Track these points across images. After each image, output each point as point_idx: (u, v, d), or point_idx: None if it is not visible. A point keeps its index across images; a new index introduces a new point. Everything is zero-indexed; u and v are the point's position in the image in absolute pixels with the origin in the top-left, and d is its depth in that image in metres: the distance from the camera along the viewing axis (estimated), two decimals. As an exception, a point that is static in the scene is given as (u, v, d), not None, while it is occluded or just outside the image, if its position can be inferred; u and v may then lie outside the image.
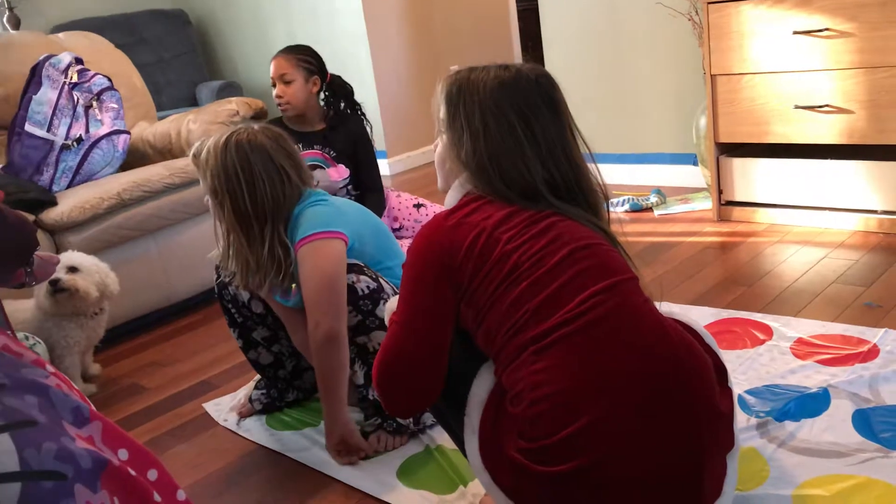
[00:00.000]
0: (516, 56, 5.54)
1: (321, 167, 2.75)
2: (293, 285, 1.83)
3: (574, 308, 1.22)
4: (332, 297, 1.73)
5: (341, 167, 2.76)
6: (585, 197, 1.39)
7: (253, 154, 1.78)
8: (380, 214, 2.78)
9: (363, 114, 2.84)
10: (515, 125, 1.35)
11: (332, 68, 2.84)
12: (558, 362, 1.20)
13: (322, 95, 2.78)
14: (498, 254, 1.27)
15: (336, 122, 2.78)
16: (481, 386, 1.32)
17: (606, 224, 1.41)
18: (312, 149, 2.75)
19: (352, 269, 1.78)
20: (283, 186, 1.80)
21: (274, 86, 2.70)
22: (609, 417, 1.18)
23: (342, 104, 2.81)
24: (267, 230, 1.79)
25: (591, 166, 1.41)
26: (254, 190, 1.77)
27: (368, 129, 2.83)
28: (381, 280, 1.80)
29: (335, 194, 2.77)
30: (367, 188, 2.80)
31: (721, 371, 1.35)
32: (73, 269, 2.27)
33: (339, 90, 2.79)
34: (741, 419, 1.74)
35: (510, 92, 1.38)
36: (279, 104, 2.71)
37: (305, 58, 2.70)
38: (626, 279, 1.29)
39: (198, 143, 1.85)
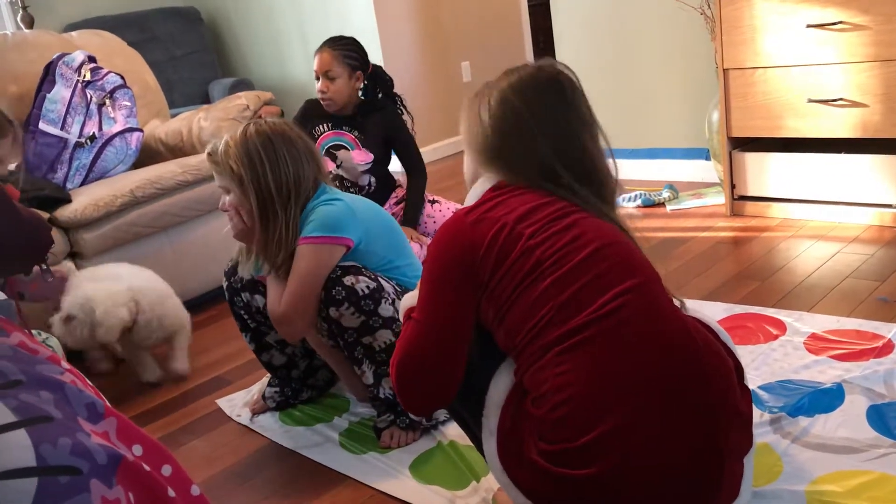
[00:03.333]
0: (527, 51, 5.52)
1: (346, 148, 2.76)
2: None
3: (598, 308, 1.22)
4: (308, 301, 1.79)
5: (365, 151, 2.78)
6: (599, 188, 1.39)
7: (274, 136, 1.83)
8: (422, 195, 2.83)
9: (403, 105, 2.86)
10: (529, 112, 1.37)
11: (343, 65, 2.85)
12: (583, 365, 1.19)
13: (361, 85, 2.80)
14: (520, 249, 1.26)
15: (369, 108, 2.80)
16: (500, 387, 1.31)
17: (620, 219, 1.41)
18: (341, 129, 2.78)
19: (349, 270, 1.78)
20: (305, 167, 1.83)
21: (317, 79, 2.72)
22: (632, 422, 1.17)
23: (379, 94, 2.82)
24: (289, 209, 1.81)
25: (608, 161, 1.42)
26: (277, 168, 1.80)
27: (409, 121, 2.85)
28: (380, 279, 1.80)
29: (356, 176, 2.80)
30: (409, 171, 2.86)
31: (739, 371, 1.35)
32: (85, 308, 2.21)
33: (379, 81, 2.80)
34: (755, 414, 1.73)
35: (528, 83, 1.40)
36: (322, 99, 2.74)
37: (349, 53, 2.72)
38: (649, 279, 1.28)
39: (212, 143, 1.87)
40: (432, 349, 1.32)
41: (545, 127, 1.36)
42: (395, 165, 2.95)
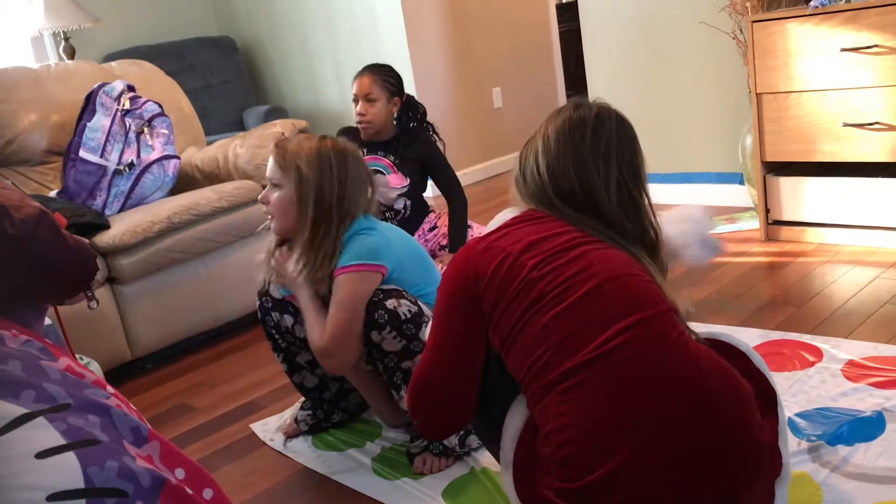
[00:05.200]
0: (558, 77, 5.55)
1: (382, 173, 2.80)
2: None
3: (600, 346, 1.19)
4: (352, 331, 1.78)
5: (401, 176, 2.82)
6: (639, 234, 1.38)
7: (350, 155, 1.87)
8: (464, 223, 2.85)
9: (435, 132, 2.90)
10: (545, 146, 1.39)
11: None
12: (584, 404, 1.18)
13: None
14: (521, 281, 1.25)
15: (405, 135, 2.85)
16: (514, 420, 1.31)
17: (660, 262, 1.39)
18: (376, 154, 2.82)
19: (391, 294, 1.79)
20: (364, 194, 1.87)
21: (356, 102, 2.78)
22: (637, 460, 1.15)
23: (412, 123, 2.87)
24: (341, 228, 1.83)
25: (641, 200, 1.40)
26: (344, 183, 1.83)
27: (441, 147, 2.90)
28: (419, 304, 1.81)
29: (391, 201, 2.83)
30: (448, 196, 2.89)
31: (768, 396, 1.32)
32: None
33: (411, 109, 2.85)
34: (792, 443, 1.70)
35: (553, 117, 1.42)
36: (360, 122, 2.79)
37: (389, 78, 2.79)
38: (657, 313, 1.24)
39: (286, 138, 1.91)
40: (441, 376, 1.35)
41: (555, 166, 1.37)
42: (428, 192, 2.98)
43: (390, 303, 1.76)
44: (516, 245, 1.30)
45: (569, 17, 5.64)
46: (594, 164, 1.35)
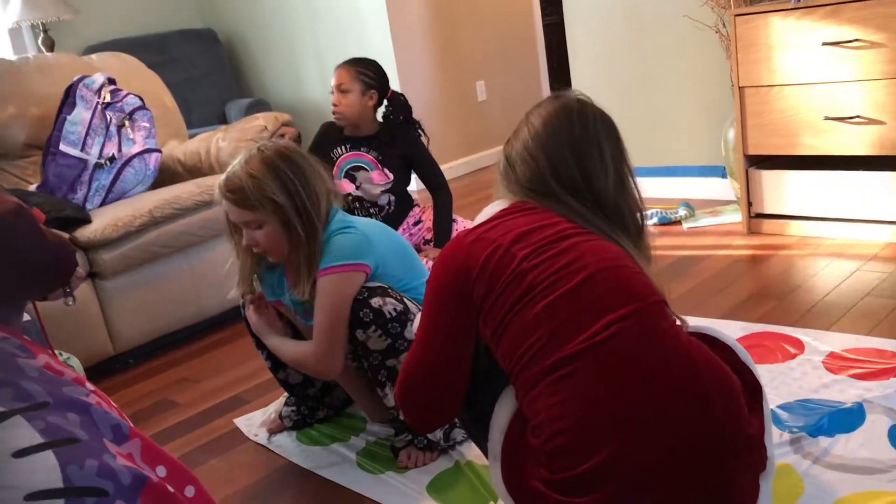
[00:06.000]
0: (542, 71, 5.55)
1: (365, 169, 2.80)
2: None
3: (592, 336, 1.19)
4: (341, 332, 1.78)
5: (385, 171, 2.82)
6: (613, 212, 1.38)
7: (294, 156, 1.82)
8: (449, 217, 2.85)
9: (421, 129, 2.89)
10: (532, 136, 1.39)
11: (359, 86, 2.88)
12: (576, 395, 1.18)
13: (382, 110, 2.86)
14: (511, 272, 1.25)
15: (388, 131, 2.84)
16: (502, 412, 1.31)
17: (644, 247, 1.40)
18: (360, 150, 2.81)
19: (376, 292, 1.77)
20: (322, 182, 1.84)
21: (333, 94, 2.80)
22: (629, 450, 1.16)
23: (400, 120, 2.87)
24: (318, 233, 1.81)
25: (630, 186, 1.42)
26: (307, 186, 1.79)
27: (426, 142, 2.90)
28: (406, 301, 1.80)
29: (375, 197, 2.82)
30: (433, 191, 2.89)
31: (754, 390, 1.33)
32: None
33: (398, 107, 2.84)
34: (774, 434, 1.72)
35: (536, 110, 1.42)
36: (333, 112, 2.80)
37: (366, 71, 2.79)
38: (649, 304, 1.24)
39: (226, 182, 1.78)
40: (430, 369, 1.35)
41: (551, 151, 1.37)
42: (413, 185, 2.97)
43: (375, 301, 1.75)
44: (506, 236, 1.29)
45: (552, 10, 5.63)
46: (588, 147, 1.36)
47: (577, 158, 1.35)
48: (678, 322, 1.30)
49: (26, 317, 1.24)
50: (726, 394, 1.23)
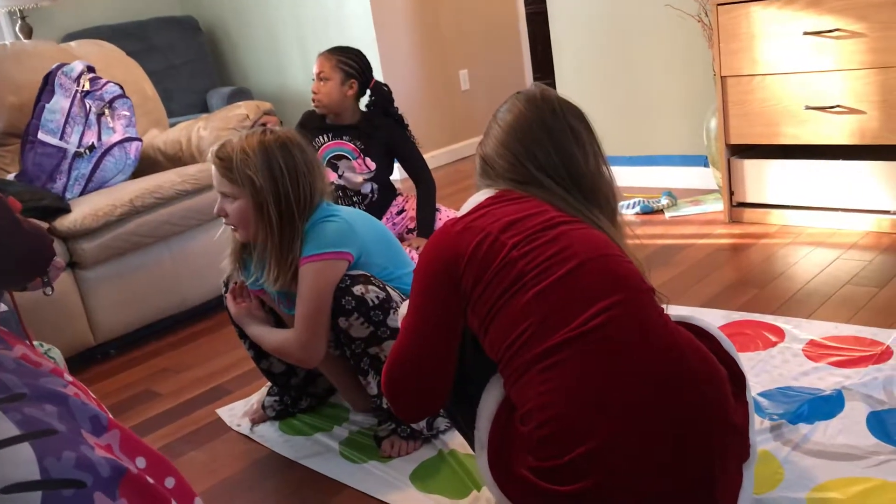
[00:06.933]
0: (525, 60, 5.54)
1: (347, 158, 2.79)
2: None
3: (581, 324, 1.20)
4: (324, 320, 1.77)
5: (367, 160, 2.81)
6: (592, 196, 1.39)
7: (292, 146, 1.80)
8: (432, 206, 2.85)
9: (402, 120, 2.88)
10: (508, 127, 1.41)
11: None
12: (566, 383, 1.18)
13: (365, 101, 2.86)
14: (502, 260, 1.26)
15: (371, 120, 2.83)
16: (490, 399, 1.31)
17: (619, 224, 1.42)
18: (342, 139, 2.81)
19: (358, 280, 1.77)
20: (318, 180, 1.83)
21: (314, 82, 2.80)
22: (618, 438, 1.16)
23: (380, 108, 2.86)
24: (303, 222, 1.80)
25: (604, 171, 1.43)
26: (296, 179, 1.78)
27: (408, 132, 2.89)
28: (388, 289, 1.79)
29: (357, 186, 2.81)
30: (416, 181, 2.88)
31: (738, 379, 1.34)
32: None
33: (379, 97, 2.83)
34: (755, 422, 1.73)
35: (509, 102, 1.44)
36: (312, 99, 2.80)
37: (346, 60, 2.78)
38: (638, 293, 1.25)
39: (220, 147, 1.81)
40: (418, 357, 1.35)
41: (525, 139, 1.38)
42: (395, 174, 2.96)
43: (358, 289, 1.75)
44: (496, 224, 1.30)
45: (536, -2, 5.63)
46: (562, 130, 1.37)
47: (553, 142, 1.37)
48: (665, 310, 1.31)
49: (3, 307, 1.23)
50: (713, 383, 1.24)
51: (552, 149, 1.37)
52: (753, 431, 1.33)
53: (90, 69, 3.18)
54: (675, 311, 1.41)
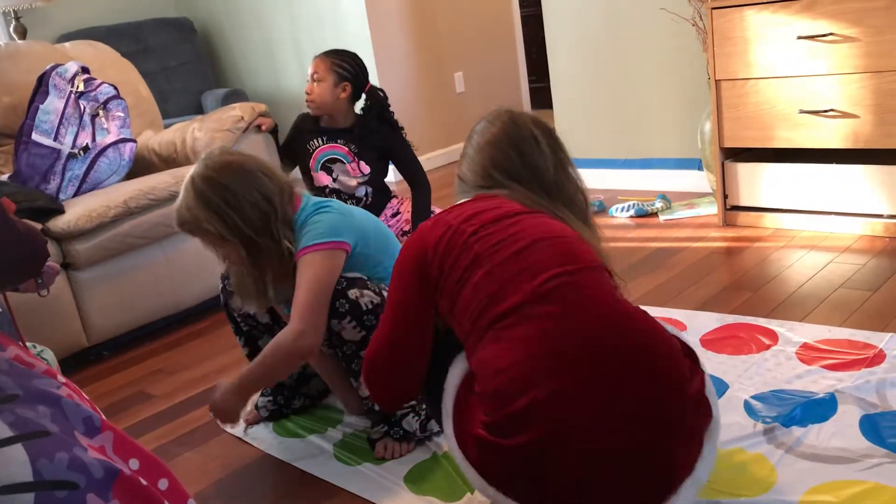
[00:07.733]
0: (520, 63, 5.54)
1: (341, 161, 2.79)
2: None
3: (534, 289, 1.28)
4: (322, 311, 1.75)
5: (361, 163, 2.81)
6: (559, 195, 1.50)
7: (220, 175, 1.77)
8: (427, 209, 2.85)
9: (394, 122, 2.87)
10: (473, 142, 1.57)
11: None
12: (516, 341, 1.26)
13: (360, 104, 2.85)
14: (460, 246, 1.37)
15: (365, 123, 2.83)
16: (455, 373, 1.39)
17: (592, 225, 1.51)
18: (336, 142, 2.80)
19: (354, 283, 1.77)
20: (265, 185, 1.79)
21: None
22: (565, 390, 1.21)
23: (374, 112, 2.85)
24: (277, 233, 1.78)
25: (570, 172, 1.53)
26: (240, 206, 1.75)
27: (403, 135, 2.88)
28: (384, 293, 1.79)
29: (352, 189, 2.81)
30: (412, 183, 2.89)
31: (690, 353, 1.38)
32: None
33: (373, 101, 2.83)
34: (748, 425, 1.74)
35: (479, 123, 1.59)
36: (306, 100, 2.81)
37: (341, 63, 2.78)
38: (589, 266, 1.34)
39: (176, 214, 1.81)
40: (393, 347, 1.46)
41: (493, 151, 1.51)
42: (391, 177, 2.96)
43: (353, 293, 1.75)
44: (458, 217, 1.42)
45: (531, 1, 5.63)
46: (525, 140, 1.49)
47: (518, 153, 1.49)
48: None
49: (-3, 308, 1.22)
50: (666, 351, 1.29)
51: (518, 159, 1.49)
52: (715, 401, 1.35)
53: (84, 70, 3.17)
54: (663, 311, 1.43)
